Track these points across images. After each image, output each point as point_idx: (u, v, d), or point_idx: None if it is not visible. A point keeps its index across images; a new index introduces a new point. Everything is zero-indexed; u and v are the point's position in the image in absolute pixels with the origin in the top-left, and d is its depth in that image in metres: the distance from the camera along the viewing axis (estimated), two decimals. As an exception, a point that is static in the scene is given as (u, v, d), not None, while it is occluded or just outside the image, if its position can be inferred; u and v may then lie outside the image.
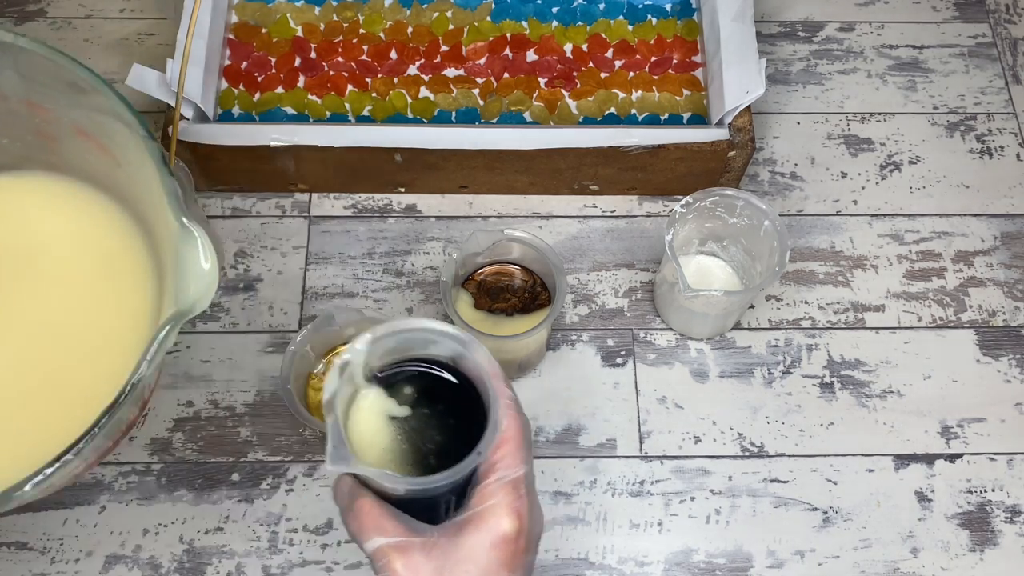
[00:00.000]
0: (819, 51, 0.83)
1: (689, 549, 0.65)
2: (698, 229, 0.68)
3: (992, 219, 0.76)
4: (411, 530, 0.40)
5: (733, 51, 0.70)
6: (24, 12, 0.83)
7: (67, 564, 0.63)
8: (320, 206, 0.75)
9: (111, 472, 0.66)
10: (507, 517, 0.39)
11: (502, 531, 0.38)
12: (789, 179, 0.77)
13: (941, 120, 0.80)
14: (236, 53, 0.76)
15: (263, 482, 0.66)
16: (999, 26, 0.84)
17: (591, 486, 0.66)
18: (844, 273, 0.74)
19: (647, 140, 0.69)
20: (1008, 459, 0.68)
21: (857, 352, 0.71)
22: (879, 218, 0.76)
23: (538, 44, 0.77)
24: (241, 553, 0.64)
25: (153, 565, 0.63)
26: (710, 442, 0.68)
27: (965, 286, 0.73)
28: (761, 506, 0.66)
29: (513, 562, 0.39)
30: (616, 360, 0.70)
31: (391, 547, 0.39)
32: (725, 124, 0.70)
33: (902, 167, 0.78)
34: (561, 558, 0.64)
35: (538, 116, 0.75)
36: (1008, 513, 0.66)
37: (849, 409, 0.69)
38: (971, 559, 0.65)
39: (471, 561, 0.38)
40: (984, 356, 0.71)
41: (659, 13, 0.78)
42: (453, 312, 0.61)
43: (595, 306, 0.72)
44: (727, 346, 0.71)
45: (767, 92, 0.79)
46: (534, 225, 0.75)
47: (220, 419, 0.68)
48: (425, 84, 0.76)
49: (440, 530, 0.40)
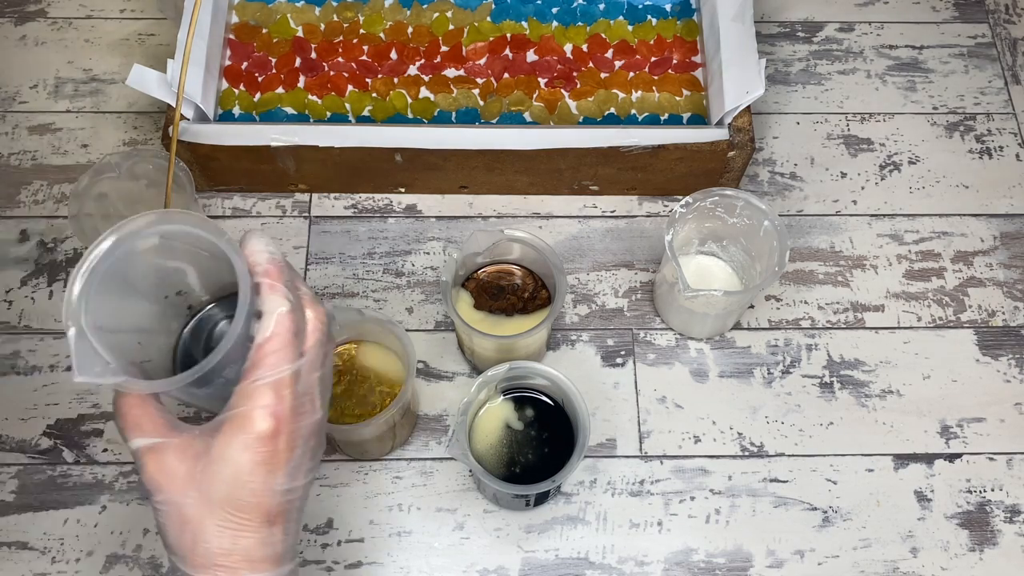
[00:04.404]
0: (819, 51, 0.83)
1: (689, 549, 0.65)
2: (698, 229, 0.69)
3: (992, 219, 0.76)
4: (170, 430, 0.39)
5: (733, 51, 0.70)
6: (25, 12, 0.83)
7: (68, 564, 0.63)
8: (320, 206, 0.75)
9: (111, 472, 0.66)
10: (263, 419, 0.37)
11: (256, 433, 0.37)
12: (789, 179, 0.77)
13: (941, 120, 0.80)
14: (236, 53, 0.76)
15: (263, 482, 0.66)
16: (999, 26, 0.84)
17: (591, 486, 0.66)
18: (844, 273, 0.74)
19: (647, 140, 0.69)
20: (1008, 459, 0.68)
21: (857, 352, 0.71)
22: (879, 218, 0.76)
23: (538, 44, 0.77)
24: (241, 553, 0.64)
25: (153, 565, 0.63)
26: (710, 442, 0.68)
27: (965, 286, 0.73)
28: (761, 506, 0.66)
29: (272, 462, 0.38)
30: (616, 360, 0.70)
31: (147, 448, 0.39)
32: (725, 124, 0.70)
33: (902, 167, 0.78)
34: (561, 558, 0.64)
35: (538, 116, 0.75)
36: (1007, 513, 0.66)
37: (849, 409, 0.69)
38: (971, 559, 0.65)
39: (224, 461, 0.38)
40: (984, 356, 0.71)
41: (659, 13, 0.78)
42: (453, 312, 0.61)
43: (595, 306, 0.72)
44: (727, 346, 0.71)
45: (767, 92, 0.79)
46: (534, 225, 0.75)
47: (220, 419, 0.68)
48: (425, 84, 0.76)
49: (200, 430, 0.39)
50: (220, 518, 0.38)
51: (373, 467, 0.67)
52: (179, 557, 0.39)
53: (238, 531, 0.38)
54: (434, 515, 0.65)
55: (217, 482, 0.38)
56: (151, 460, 0.39)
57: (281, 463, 0.39)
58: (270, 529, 0.39)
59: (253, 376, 0.38)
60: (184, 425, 0.40)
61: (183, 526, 0.38)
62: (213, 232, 0.39)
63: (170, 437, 0.39)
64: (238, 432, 0.38)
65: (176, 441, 0.39)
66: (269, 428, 0.38)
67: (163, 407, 0.40)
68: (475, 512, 0.65)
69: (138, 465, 0.39)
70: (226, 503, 0.38)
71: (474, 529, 0.65)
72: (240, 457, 0.38)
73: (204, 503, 0.38)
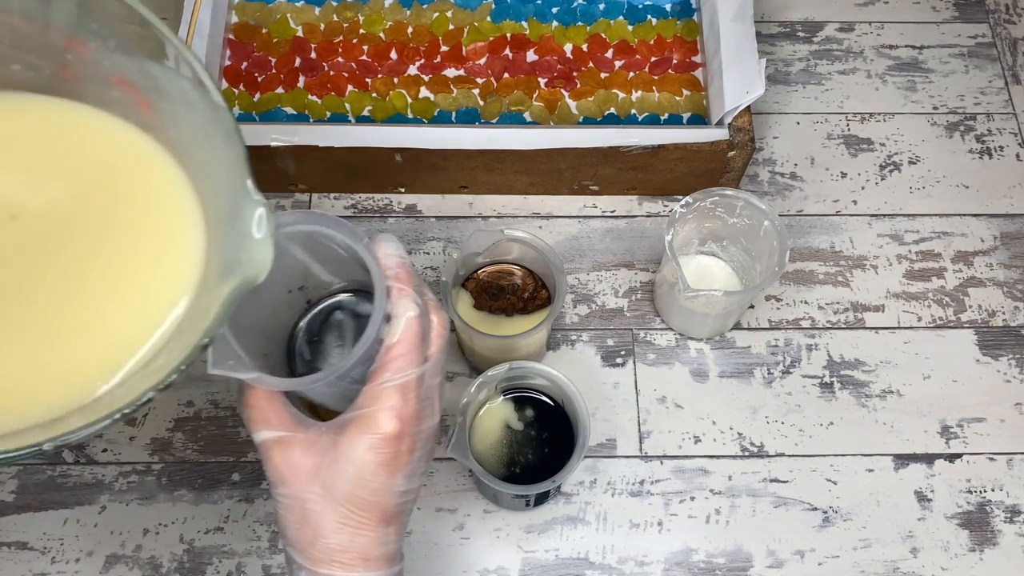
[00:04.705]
0: (819, 51, 0.83)
1: (689, 549, 0.65)
2: (698, 229, 0.68)
3: (992, 219, 0.76)
4: (296, 424, 0.40)
5: (733, 51, 0.70)
6: (24, 12, 0.83)
7: (67, 564, 0.63)
8: (320, 206, 0.75)
9: (111, 472, 0.66)
10: (388, 420, 0.38)
11: (382, 433, 0.38)
12: (789, 179, 0.77)
13: (941, 120, 0.80)
14: (236, 53, 0.76)
15: (263, 482, 0.66)
16: (999, 26, 0.84)
17: (591, 486, 0.66)
18: (844, 273, 0.74)
19: (647, 140, 0.69)
20: (1008, 459, 0.68)
21: (857, 352, 0.71)
22: (879, 218, 0.76)
23: (538, 44, 0.77)
24: (241, 553, 0.64)
25: (153, 565, 0.64)
26: (710, 442, 0.68)
27: (965, 286, 0.73)
28: (761, 506, 0.66)
29: (393, 464, 0.39)
30: (616, 360, 0.70)
31: (273, 441, 0.39)
32: (725, 124, 0.70)
33: (902, 167, 0.78)
34: (561, 558, 0.64)
35: (538, 116, 0.75)
36: (1008, 513, 0.66)
37: (849, 409, 0.69)
38: (971, 559, 0.65)
39: (349, 460, 0.38)
40: (984, 356, 0.71)
41: (659, 13, 0.78)
42: (453, 312, 0.61)
43: (595, 306, 0.72)
44: (727, 346, 0.71)
45: (767, 92, 0.79)
46: (534, 225, 0.75)
47: (220, 419, 0.68)
48: (425, 84, 0.76)
49: (325, 427, 0.40)
50: (341, 515, 0.39)
51: (373, 467, 0.67)
52: (297, 551, 0.40)
53: (357, 529, 0.39)
54: (434, 515, 0.65)
55: (341, 479, 0.39)
56: (277, 453, 0.39)
57: (402, 465, 0.39)
58: (386, 529, 0.40)
59: (381, 378, 0.39)
60: (309, 420, 0.41)
61: (304, 520, 0.39)
62: (351, 235, 0.40)
63: (296, 432, 0.40)
64: (364, 432, 0.39)
65: (302, 436, 0.40)
66: (394, 430, 0.39)
67: (288, 402, 0.41)
68: (475, 512, 0.65)
69: (263, 457, 0.40)
70: (348, 500, 0.39)
71: (474, 529, 0.65)
72: (364, 456, 0.38)
73: (326, 499, 0.39)
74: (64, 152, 0.40)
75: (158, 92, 0.39)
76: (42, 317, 0.37)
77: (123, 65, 0.39)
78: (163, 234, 0.39)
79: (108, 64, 0.39)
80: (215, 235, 0.39)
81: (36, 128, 0.40)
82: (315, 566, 0.39)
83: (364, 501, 0.39)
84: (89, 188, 0.39)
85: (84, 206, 0.39)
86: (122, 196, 0.39)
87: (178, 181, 0.39)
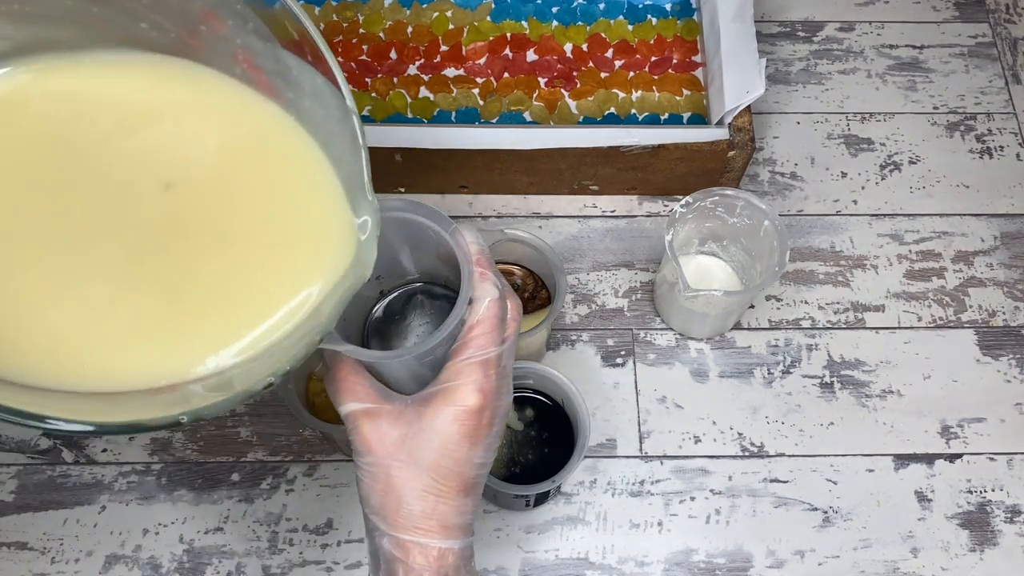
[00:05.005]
0: (819, 51, 0.83)
1: (689, 549, 0.65)
2: (698, 229, 0.68)
3: (992, 219, 0.76)
4: (383, 397, 0.42)
5: (733, 51, 0.70)
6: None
7: (67, 564, 0.63)
8: (320, 206, 0.75)
9: (111, 472, 0.66)
10: (472, 394, 0.40)
11: (466, 406, 0.40)
12: (789, 179, 0.77)
13: (941, 120, 0.80)
14: (236, 53, 0.76)
15: (263, 482, 0.66)
16: (999, 26, 0.84)
17: (591, 486, 0.66)
18: (844, 273, 0.74)
19: (647, 140, 0.69)
20: (1008, 459, 0.68)
21: (857, 352, 0.71)
22: (879, 218, 0.76)
23: (538, 44, 0.77)
24: (241, 553, 0.64)
25: (153, 565, 0.63)
26: (710, 442, 0.68)
27: (965, 286, 0.73)
28: (761, 506, 0.66)
29: (475, 436, 0.41)
30: (616, 360, 0.70)
31: (361, 412, 0.41)
32: (725, 124, 0.70)
33: (902, 167, 0.78)
34: (561, 558, 0.64)
35: (538, 116, 0.74)
36: (1008, 513, 0.66)
37: (849, 409, 0.69)
38: (971, 559, 0.64)
39: (434, 431, 0.40)
40: (984, 356, 0.71)
41: (659, 13, 0.78)
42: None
43: (595, 306, 0.72)
44: (727, 346, 0.71)
45: (767, 92, 0.79)
46: (534, 225, 0.75)
47: (220, 419, 0.68)
48: (425, 84, 0.76)
49: (410, 400, 0.42)
50: (425, 483, 0.41)
51: (373, 467, 0.67)
52: (381, 517, 0.41)
53: (439, 497, 0.41)
54: (434, 515, 0.65)
55: (426, 449, 0.40)
56: (365, 423, 0.41)
57: (482, 437, 0.41)
58: (465, 499, 0.42)
59: (464, 355, 0.41)
60: (394, 394, 0.42)
61: (389, 488, 0.41)
62: (442, 221, 0.42)
63: (383, 404, 0.41)
64: (449, 404, 0.40)
65: (389, 408, 0.41)
66: (477, 403, 0.40)
67: (372, 378, 0.43)
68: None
69: (350, 428, 0.42)
70: (432, 469, 0.41)
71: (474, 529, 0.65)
72: (449, 428, 0.40)
73: (411, 467, 0.41)
74: (218, 122, 0.40)
75: (286, 80, 0.40)
76: (185, 285, 0.38)
77: (255, 47, 0.40)
78: (315, 214, 0.40)
79: (240, 42, 0.40)
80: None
81: (191, 98, 0.40)
82: (397, 531, 0.41)
83: (447, 470, 0.41)
84: (242, 160, 0.40)
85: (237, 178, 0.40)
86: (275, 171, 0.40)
87: (325, 164, 0.40)
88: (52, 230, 0.37)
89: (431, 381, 0.42)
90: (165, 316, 0.37)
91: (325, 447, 0.67)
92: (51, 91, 0.38)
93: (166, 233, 0.38)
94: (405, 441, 0.41)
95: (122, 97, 0.39)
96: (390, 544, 0.41)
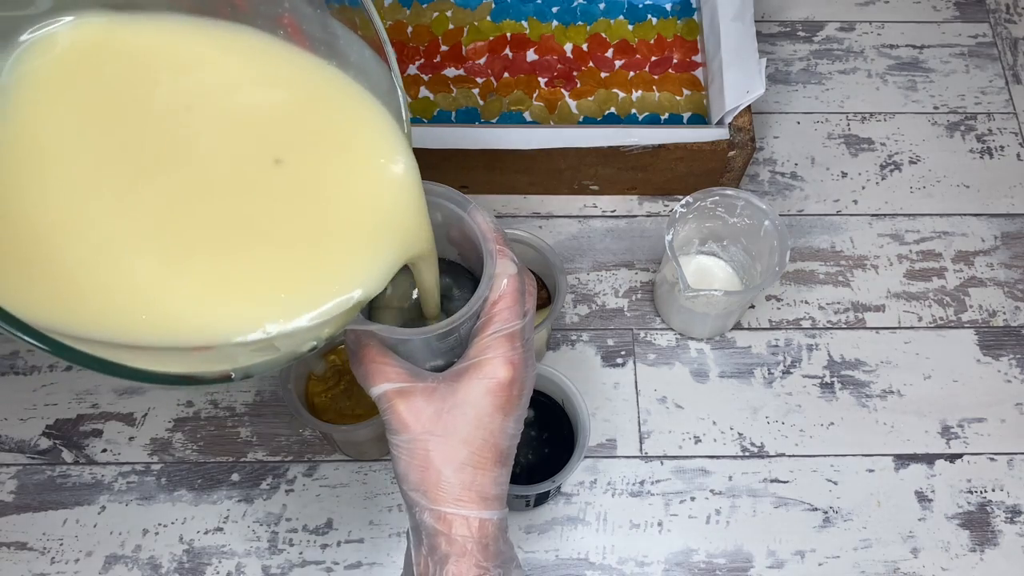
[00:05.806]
0: (819, 51, 0.83)
1: (689, 549, 0.64)
2: (698, 229, 0.68)
3: (992, 219, 0.76)
4: (413, 376, 0.42)
5: (733, 51, 0.70)
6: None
7: (67, 564, 0.63)
8: (320, 206, 0.75)
9: (111, 472, 0.66)
10: (502, 367, 0.41)
11: (497, 378, 0.41)
12: (789, 179, 0.77)
13: (941, 120, 0.80)
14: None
15: (263, 482, 0.66)
16: (999, 26, 0.84)
17: (591, 486, 0.66)
18: (844, 273, 0.74)
19: (647, 140, 0.69)
20: (1008, 459, 0.67)
21: (857, 352, 0.71)
22: (879, 218, 0.76)
23: (538, 44, 0.77)
24: (241, 553, 0.64)
25: (153, 565, 0.63)
26: (710, 442, 0.68)
27: (965, 286, 0.73)
28: (761, 506, 0.66)
29: (507, 407, 0.42)
30: (616, 360, 0.70)
31: (395, 392, 0.42)
32: (725, 124, 0.70)
33: (902, 167, 0.78)
34: (561, 558, 0.64)
35: (538, 116, 0.74)
36: (1008, 513, 0.66)
37: (849, 409, 0.69)
38: (971, 559, 0.64)
39: (468, 404, 0.41)
40: (984, 356, 0.71)
41: (659, 13, 0.78)
42: (453, 312, 0.61)
43: (595, 306, 0.72)
44: (727, 346, 0.71)
45: (767, 92, 0.79)
46: (534, 225, 0.75)
47: (220, 419, 0.68)
48: (425, 84, 0.76)
49: (441, 377, 0.42)
50: (463, 456, 0.41)
51: (373, 467, 0.67)
52: (421, 493, 0.42)
53: (476, 468, 0.42)
54: (434, 515, 0.65)
55: (461, 422, 0.41)
56: (400, 402, 0.42)
57: (514, 408, 0.42)
58: (500, 470, 0.43)
59: (490, 329, 0.42)
60: (424, 372, 0.43)
61: (427, 463, 0.41)
62: (461, 201, 0.43)
63: (416, 382, 0.42)
64: (481, 378, 0.41)
65: (422, 385, 0.42)
66: (508, 375, 0.41)
67: (399, 357, 0.43)
68: (475, 512, 0.65)
69: (384, 408, 0.42)
70: (468, 443, 0.41)
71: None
72: (483, 401, 0.41)
73: (448, 442, 0.41)
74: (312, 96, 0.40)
75: (331, 48, 0.40)
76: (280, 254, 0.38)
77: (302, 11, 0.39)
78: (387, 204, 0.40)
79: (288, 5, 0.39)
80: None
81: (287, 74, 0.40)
82: (439, 505, 0.41)
83: (483, 442, 0.42)
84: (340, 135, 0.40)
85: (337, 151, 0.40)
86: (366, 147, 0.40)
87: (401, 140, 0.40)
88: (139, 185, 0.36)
89: (450, 357, 0.43)
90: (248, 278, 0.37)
91: (325, 447, 0.67)
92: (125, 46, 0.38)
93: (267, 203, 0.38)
94: (440, 416, 0.41)
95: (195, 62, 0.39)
96: (431, 518, 0.42)
